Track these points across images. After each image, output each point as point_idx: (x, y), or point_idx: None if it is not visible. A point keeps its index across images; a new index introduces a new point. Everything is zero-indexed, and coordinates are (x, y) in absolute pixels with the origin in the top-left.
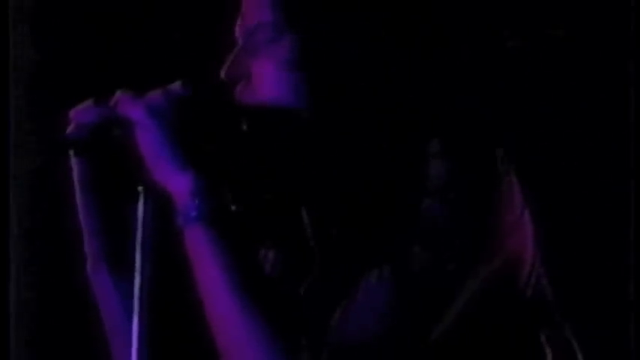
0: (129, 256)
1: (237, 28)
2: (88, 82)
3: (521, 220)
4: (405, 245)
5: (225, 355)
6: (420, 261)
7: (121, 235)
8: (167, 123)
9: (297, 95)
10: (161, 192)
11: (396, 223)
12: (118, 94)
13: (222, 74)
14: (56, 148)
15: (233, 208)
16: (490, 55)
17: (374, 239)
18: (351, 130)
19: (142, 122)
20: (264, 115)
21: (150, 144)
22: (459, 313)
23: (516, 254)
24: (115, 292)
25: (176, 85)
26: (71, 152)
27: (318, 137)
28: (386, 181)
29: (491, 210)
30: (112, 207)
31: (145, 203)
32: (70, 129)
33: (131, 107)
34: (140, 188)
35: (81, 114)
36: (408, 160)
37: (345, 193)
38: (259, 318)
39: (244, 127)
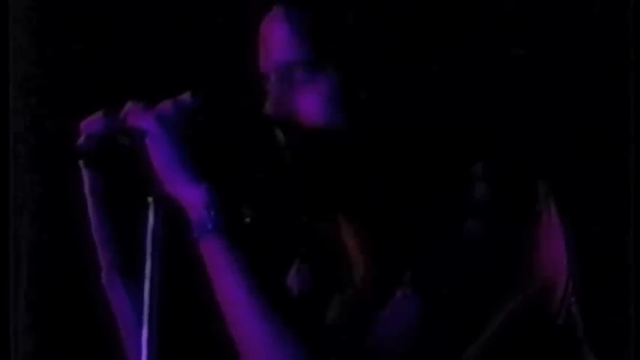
0: (141, 266)
1: (263, 62)
2: (98, 93)
3: (558, 249)
4: (440, 267)
5: None
6: (454, 283)
7: (132, 245)
8: (178, 134)
9: (343, 121)
10: (172, 203)
11: (434, 244)
12: (128, 105)
13: (269, 112)
14: (66, 159)
15: (248, 219)
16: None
17: (411, 259)
18: (396, 151)
19: (153, 133)
20: (304, 135)
21: (161, 156)
22: (489, 338)
23: (550, 283)
24: (128, 300)
25: (186, 96)
26: (81, 164)
27: (361, 157)
28: (428, 202)
29: (530, 238)
30: (123, 218)
31: (155, 214)
32: (80, 140)
33: (141, 118)
34: (150, 199)
35: (91, 125)
36: (452, 182)
37: (387, 213)
38: (280, 324)
39: (282, 144)
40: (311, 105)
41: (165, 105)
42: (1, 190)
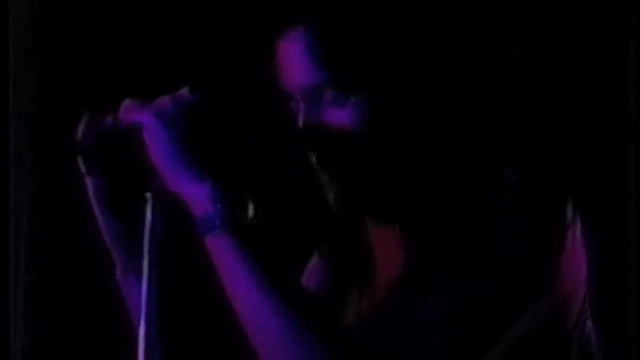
0: (140, 261)
1: (286, 82)
2: (98, 93)
3: (580, 262)
4: (469, 270)
5: (265, 356)
6: (481, 286)
7: (141, 243)
8: (177, 130)
9: (372, 131)
10: (173, 199)
11: (463, 246)
12: (126, 102)
13: (302, 122)
14: (66, 158)
15: (251, 215)
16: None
17: (440, 262)
18: (426, 155)
19: (152, 130)
20: (335, 139)
21: (161, 152)
22: (511, 340)
23: (569, 295)
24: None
25: (184, 91)
26: (83, 170)
27: (391, 162)
28: (458, 205)
29: (557, 246)
30: (130, 217)
31: (153, 209)
32: (79, 138)
33: (139, 115)
34: (148, 194)
35: (90, 123)
36: (483, 187)
37: (416, 215)
38: (292, 319)
39: (310, 149)
40: (341, 120)
41: (164, 101)
42: (1, 190)
